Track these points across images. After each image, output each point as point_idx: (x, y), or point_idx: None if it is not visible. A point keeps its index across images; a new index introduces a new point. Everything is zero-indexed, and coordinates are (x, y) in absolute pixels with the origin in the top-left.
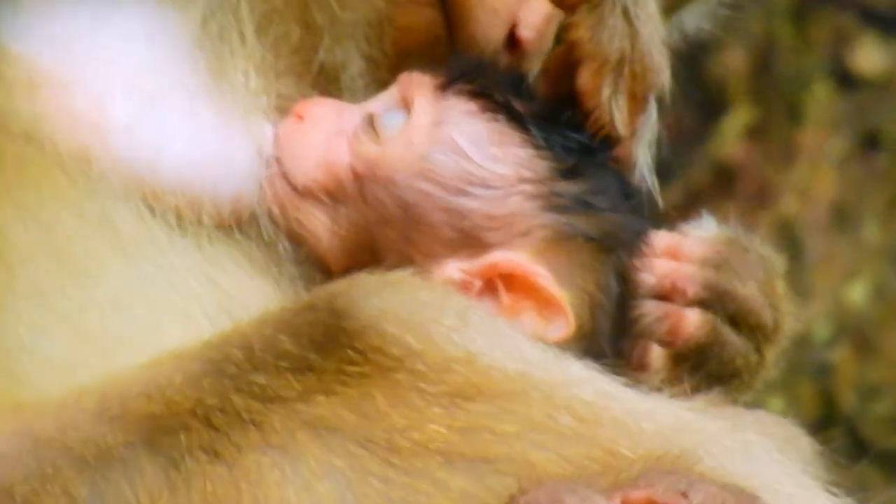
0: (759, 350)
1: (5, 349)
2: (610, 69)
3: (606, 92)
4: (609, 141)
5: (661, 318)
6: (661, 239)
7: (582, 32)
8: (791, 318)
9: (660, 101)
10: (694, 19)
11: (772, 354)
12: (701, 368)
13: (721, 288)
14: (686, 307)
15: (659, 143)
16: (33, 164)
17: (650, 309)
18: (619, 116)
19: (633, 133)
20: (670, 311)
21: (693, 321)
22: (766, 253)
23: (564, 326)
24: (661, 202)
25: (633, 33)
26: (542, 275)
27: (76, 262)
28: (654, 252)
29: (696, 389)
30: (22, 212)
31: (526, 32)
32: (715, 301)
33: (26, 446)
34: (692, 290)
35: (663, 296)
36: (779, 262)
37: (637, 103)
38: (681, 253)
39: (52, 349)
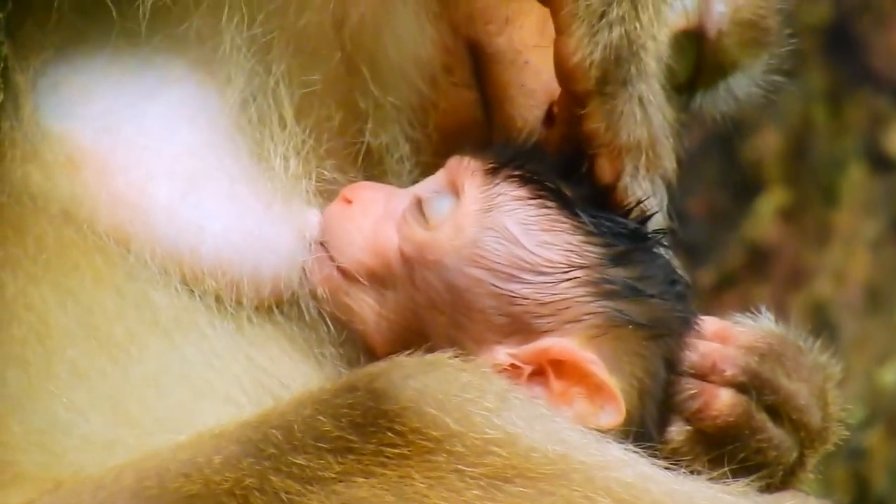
0: (800, 449)
1: (44, 428)
2: (629, 158)
3: (626, 179)
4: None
5: (694, 395)
6: (711, 324)
7: (596, 124)
8: (840, 427)
9: (692, 182)
10: (743, 86)
11: (813, 458)
12: (731, 453)
13: (763, 376)
14: (721, 387)
15: (693, 224)
16: (72, 245)
17: (685, 386)
18: (643, 198)
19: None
20: (704, 388)
21: (725, 400)
22: (823, 361)
23: (616, 413)
24: (690, 279)
25: (648, 121)
26: (594, 361)
27: (115, 343)
28: (703, 335)
29: (734, 474)
30: (61, 293)
31: None
32: (753, 387)
33: None
34: (731, 371)
35: (702, 375)
36: (835, 371)
37: (650, 184)
38: (729, 338)
39: (91, 428)
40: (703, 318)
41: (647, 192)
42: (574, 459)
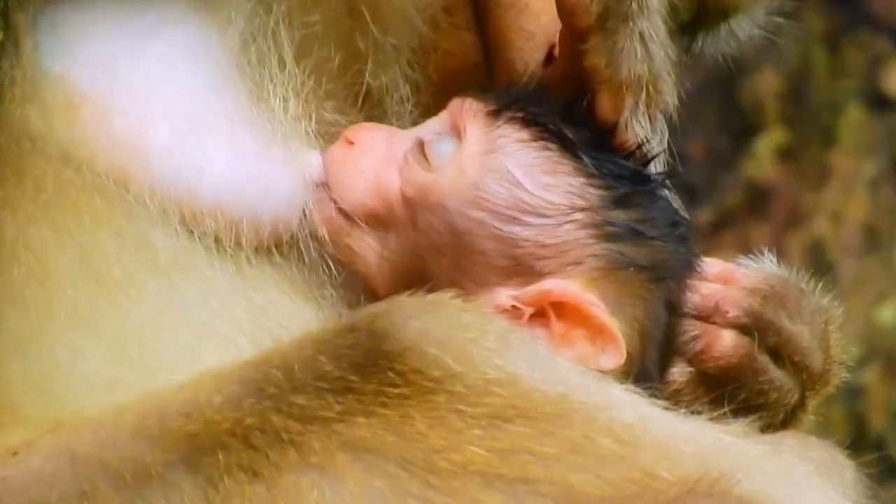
0: (801, 391)
1: (44, 369)
2: (630, 94)
3: (626, 115)
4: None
5: (696, 337)
6: (713, 265)
7: (597, 60)
8: (841, 370)
9: (691, 123)
10: (745, 28)
11: (814, 400)
12: (733, 394)
13: (766, 318)
14: (724, 328)
15: (692, 165)
16: (72, 187)
17: (687, 327)
18: (643, 136)
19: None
20: (706, 330)
21: (727, 342)
22: (825, 303)
23: (617, 355)
24: (689, 219)
25: (649, 57)
26: (595, 303)
27: (115, 284)
28: (706, 277)
29: (735, 415)
30: (60, 234)
31: None
32: (756, 329)
33: (64, 464)
34: (733, 313)
35: (704, 316)
36: (836, 314)
37: (650, 122)
38: (731, 279)
39: (91, 369)
40: (705, 259)
41: (647, 129)
42: (575, 400)
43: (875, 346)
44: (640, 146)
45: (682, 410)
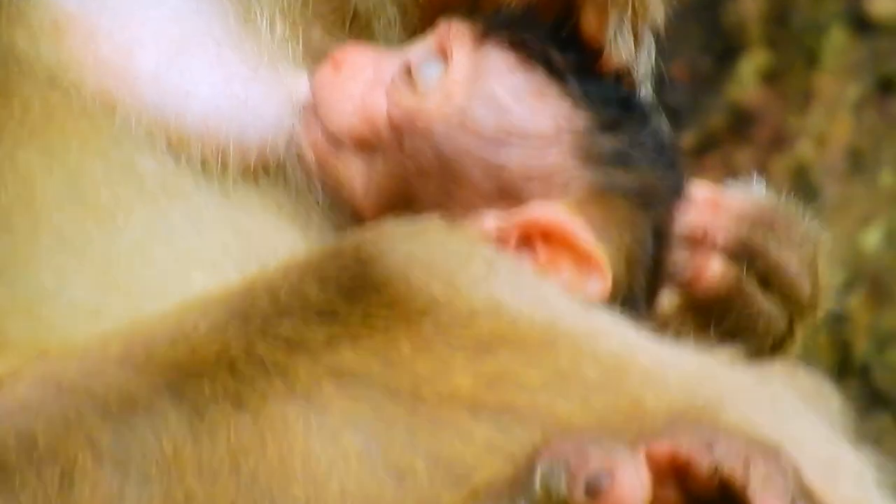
0: (789, 319)
1: (30, 294)
2: (615, 8)
3: (612, 31)
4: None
5: (684, 264)
6: (702, 191)
7: None
8: (828, 297)
9: (674, 45)
10: None
11: (802, 328)
12: (720, 322)
13: (754, 245)
14: (713, 256)
15: (675, 87)
16: (58, 110)
17: (676, 254)
18: (627, 54)
19: (634, 67)
20: (695, 257)
21: (716, 269)
22: (813, 231)
23: (602, 281)
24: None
25: None
26: (581, 228)
27: (101, 209)
28: (694, 203)
29: (721, 343)
30: (47, 157)
31: None
32: (745, 256)
33: (50, 392)
34: (722, 240)
35: (693, 243)
36: (826, 242)
37: (636, 39)
38: (720, 206)
39: (77, 295)
40: (694, 185)
41: (631, 46)
42: (561, 327)
43: (860, 271)
44: (628, 70)
45: (670, 337)
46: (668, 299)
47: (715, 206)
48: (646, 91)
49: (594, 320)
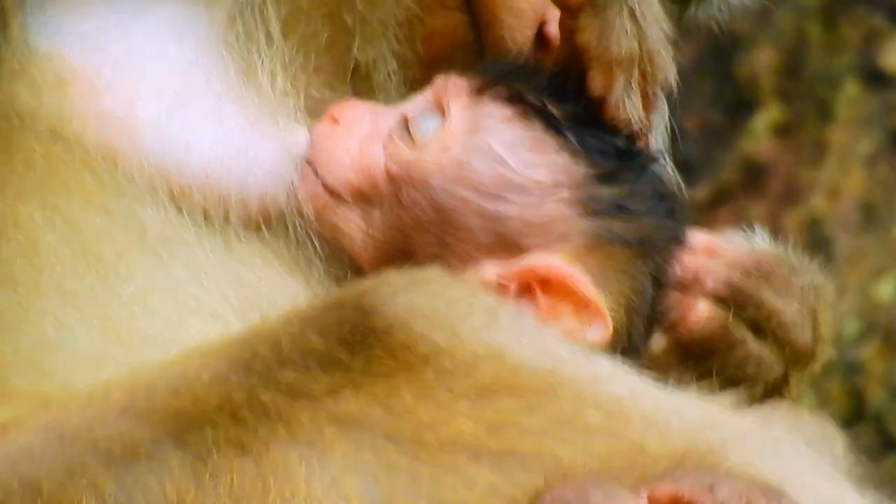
0: (785, 366)
1: (32, 345)
2: (621, 71)
3: (618, 93)
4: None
5: (671, 306)
6: (700, 238)
7: (588, 37)
8: (831, 346)
9: (687, 98)
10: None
11: (799, 375)
12: (706, 365)
13: (745, 291)
14: (700, 300)
15: (688, 141)
16: (60, 163)
17: (667, 297)
18: (634, 115)
19: (648, 130)
20: (682, 299)
21: (702, 312)
22: (818, 280)
23: (603, 329)
24: (685, 195)
25: (641, 34)
26: (580, 277)
27: (103, 261)
28: (692, 249)
29: (714, 387)
30: (49, 211)
31: (554, 30)
32: (734, 302)
33: (53, 440)
34: (712, 284)
35: (684, 286)
36: (831, 293)
37: (648, 101)
38: (715, 252)
39: (79, 345)
40: (693, 232)
41: (637, 107)
42: (562, 374)
43: (873, 322)
44: (628, 122)
45: (665, 382)
46: (656, 341)
47: (710, 252)
48: (658, 150)
49: (596, 366)
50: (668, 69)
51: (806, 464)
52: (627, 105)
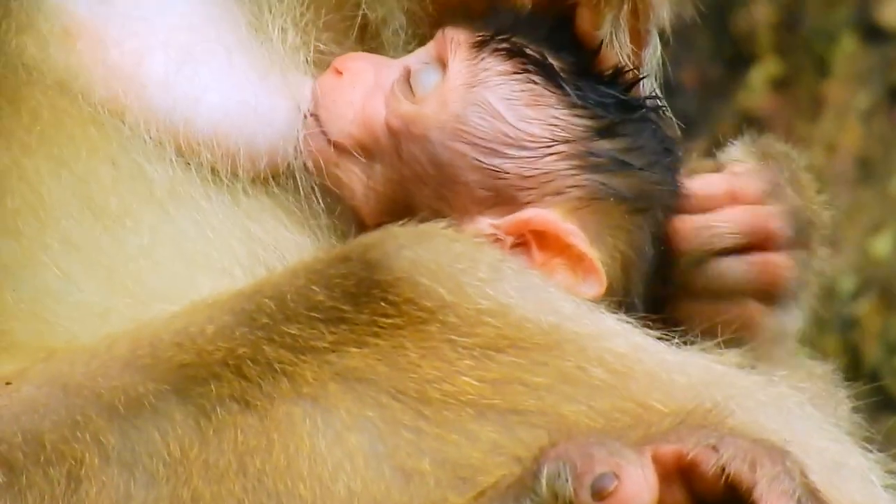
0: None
1: (37, 296)
2: (609, 7)
3: (607, 30)
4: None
5: (757, 272)
6: (714, 184)
7: None
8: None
9: (684, 53)
10: None
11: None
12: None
13: (796, 212)
14: (776, 252)
15: (686, 95)
16: (67, 116)
17: (737, 266)
18: (623, 53)
19: (639, 67)
20: (767, 261)
21: (788, 265)
22: (782, 149)
23: (596, 284)
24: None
25: None
26: (574, 233)
27: (109, 214)
28: (714, 199)
29: (730, 343)
30: (56, 164)
31: None
32: (797, 229)
33: (56, 393)
34: (783, 232)
35: (752, 247)
36: (796, 153)
37: (640, 38)
38: (740, 195)
39: (84, 298)
40: (708, 178)
41: (625, 43)
42: (567, 329)
43: (870, 277)
44: (627, 71)
45: (674, 340)
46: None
47: (735, 197)
48: (651, 89)
49: (600, 322)
50: (660, 5)
51: (810, 423)
52: (615, 42)
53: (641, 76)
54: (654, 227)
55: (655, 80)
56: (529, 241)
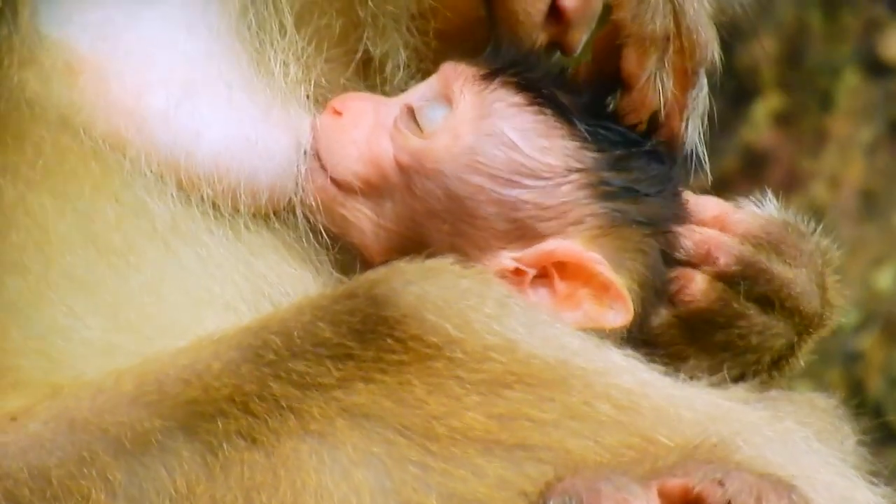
0: (795, 333)
1: (43, 333)
2: (654, 48)
3: (650, 71)
4: (653, 124)
5: (672, 279)
6: (711, 206)
7: (624, 13)
8: (839, 311)
9: (710, 76)
10: None
11: (807, 341)
12: (710, 338)
13: (757, 265)
14: (698, 273)
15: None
16: (70, 152)
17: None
18: (663, 95)
19: (683, 108)
20: (682, 273)
21: (699, 285)
22: (824, 245)
23: (623, 311)
24: (709, 174)
25: (678, 10)
26: (599, 261)
27: (114, 250)
28: (702, 219)
29: (735, 378)
30: (59, 200)
31: (568, 3)
32: (747, 276)
33: (63, 430)
34: (724, 260)
35: (695, 262)
36: (835, 255)
37: (687, 78)
38: (727, 224)
39: (90, 334)
40: (705, 200)
41: (668, 86)
42: (573, 365)
43: (873, 311)
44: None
45: (681, 376)
46: (657, 315)
47: (722, 224)
48: (695, 129)
49: (606, 358)
50: (709, 46)
51: (816, 457)
52: (657, 85)
53: (682, 112)
54: (665, 247)
55: (705, 104)
56: (551, 272)
